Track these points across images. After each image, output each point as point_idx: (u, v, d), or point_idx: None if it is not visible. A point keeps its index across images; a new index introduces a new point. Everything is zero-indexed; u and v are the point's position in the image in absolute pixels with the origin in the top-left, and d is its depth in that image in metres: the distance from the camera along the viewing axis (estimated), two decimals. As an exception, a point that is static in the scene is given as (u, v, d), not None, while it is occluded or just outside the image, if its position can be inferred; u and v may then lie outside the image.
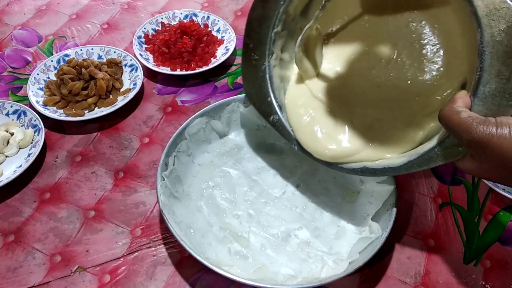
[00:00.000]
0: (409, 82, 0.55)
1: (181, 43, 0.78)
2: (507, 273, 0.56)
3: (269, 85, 0.58)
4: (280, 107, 0.58)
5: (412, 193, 0.64)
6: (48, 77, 0.75)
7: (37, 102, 0.70)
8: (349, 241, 0.57)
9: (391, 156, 0.53)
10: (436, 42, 0.54)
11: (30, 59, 0.82)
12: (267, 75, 0.58)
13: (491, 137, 0.36)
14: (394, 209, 0.54)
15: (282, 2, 0.54)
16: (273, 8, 0.54)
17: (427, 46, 0.55)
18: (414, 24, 0.56)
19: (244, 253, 0.56)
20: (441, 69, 0.54)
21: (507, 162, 0.36)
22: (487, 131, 0.36)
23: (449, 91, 0.52)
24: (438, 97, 0.53)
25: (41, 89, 0.73)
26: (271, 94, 0.58)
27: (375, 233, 0.54)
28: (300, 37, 0.55)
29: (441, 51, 0.54)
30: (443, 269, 0.56)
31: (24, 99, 0.74)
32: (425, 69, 0.55)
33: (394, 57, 0.57)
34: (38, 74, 0.75)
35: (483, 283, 0.55)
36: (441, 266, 0.56)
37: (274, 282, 0.51)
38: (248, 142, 0.66)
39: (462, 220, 0.61)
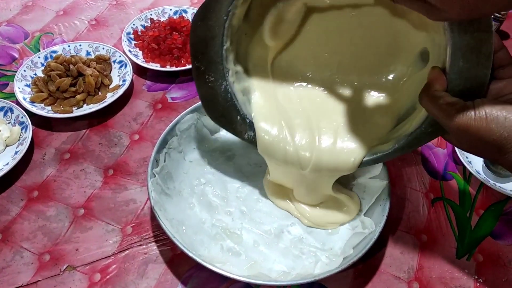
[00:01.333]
0: (356, 82, 0.56)
1: (171, 39, 0.78)
2: (499, 267, 0.56)
3: (233, 103, 0.54)
4: (251, 123, 0.55)
5: (404, 188, 0.63)
6: (35, 74, 0.74)
7: (24, 99, 0.69)
8: (342, 237, 0.56)
9: (376, 144, 0.52)
10: (381, 26, 0.53)
11: (16, 55, 0.80)
12: (229, 94, 0.53)
13: (469, 127, 0.38)
14: (387, 204, 0.54)
15: (225, 18, 0.49)
16: (217, 25, 0.50)
17: (373, 33, 0.54)
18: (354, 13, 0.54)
19: (236, 250, 0.55)
20: (392, 50, 0.54)
21: (485, 144, 0.38)
22: (464, 122, 0.38)
23: (407, 67, 0.53)
24: (391, 78, 0.54)
25: (28, 85, 0.72)
26: (240, 112, 0.54)
27: (368, 228, 0.53)
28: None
29: (387, 33, 0.53)
30: (436, 264, 0.56)
31: (11, 96, 0.72)
32: (376, 59, 0.54)
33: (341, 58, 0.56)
34: (25, 70, 0.73)
35: (476, 277, 0.55)
36: (434, 261, 0.56)
37: (268, 278, 0.50)
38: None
39: (454, 215, 0.61)
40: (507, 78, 0.41)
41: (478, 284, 0.55)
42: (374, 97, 0.55)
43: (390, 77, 0.55)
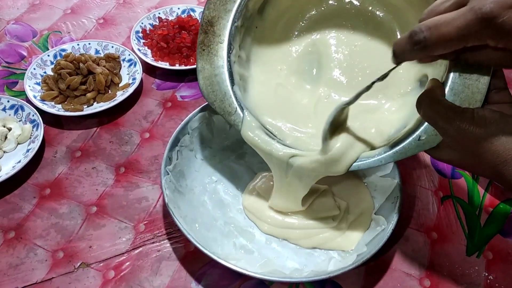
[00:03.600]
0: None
1: (180, 38, 0.78)
2: (509, 265, 0.57)
3: (228, 81, 0.53)
4: (241, 106, 0.54)
5: (413, 187, 0.64)
6: (45, 72, 0.74)
7: (35, 97, 0.69)
8: (354, 235, 0.57)
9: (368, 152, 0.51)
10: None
11: (25, 54, 0.80)
12: (227, 71, 0.53)
13: (468, 130, 0.37)
14: (399, 202, 0.54)
15: None
16: (233, 1, 0.52)
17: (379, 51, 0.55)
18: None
19: (249, 247, 0.56)
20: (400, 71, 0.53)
21: (480, 153, 0.37)
22: (463, 125, 0.37)
23: (409, 88, 0.53)
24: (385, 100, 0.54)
25: (38, 84, 0.72)
26: (232, 92, 0.53)
27: (380, 225, 0.54)
28: (332, 114, 0.47)
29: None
30: (447, 261, 0.57)
31: (20, 94, 0.73)
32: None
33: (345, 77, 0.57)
34: (34, 68, 0.73)
35: (486, 274, 0.56)
36: (444, 258, 0.57)
37: (283, 275, 0.50)
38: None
39: (463, 213, 0.61)
40: (501, 102, 0.40)
41: (488, 281, 0.55)
42: (368, 108, 0.55)
43: (385, 99, 0.55)
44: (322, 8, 0.58)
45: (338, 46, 0.57)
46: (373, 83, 0.42)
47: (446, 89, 0.41)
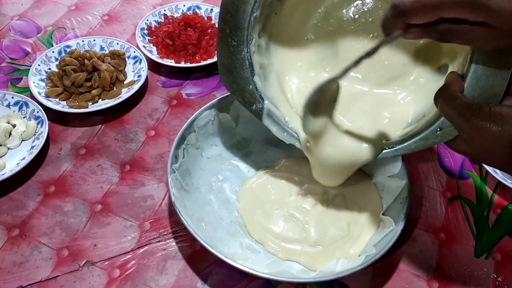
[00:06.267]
0: (370, 87, 0.56)
1: (186, 35, 0.77)
2: (517, 267, 0.56)
3: (249, 72, 0.54)
4: (262, 96, 0.55)
5: (421, 187, 0.63)
6: (50, 68, 0.73)
7: (39, 93, 0.68)
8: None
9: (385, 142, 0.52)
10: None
11: (29, 50, 0.80)
12: (247, 62, 0.54)
13: (484, 127, 0.37)
14: (407, 203, 0.53)
15: None
16: None
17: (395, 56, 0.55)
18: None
19: (255, 247, 0.55)
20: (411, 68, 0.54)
21: (497, 146, 0.38)
22: (480, 122, 0.37)
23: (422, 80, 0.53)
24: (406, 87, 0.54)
25: (42, 80, 0.71)
26: (253, 82, 0.55)
27: (388, 226, 0.53)
28: (311, 93, 0.46)
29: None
30: (455, 263, 0.56)
31: (24, 90, 0.72)
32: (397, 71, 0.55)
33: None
34: (39, 65, 0.73)
35: (495, 276, 0.55)
36: (452, 260, 0.56)
37: (290, 275, 0.50)
38: (256, 135, 0.65)
39: (471, 214, 0.61)
40: None
41: (497, 283, 0.55)
42: (387, 99, 0.55)
43: (406, 86, 0.55)
44: None
45: (356, 37, 0.56)
46: (360, 58, 0.41)
47: (465, 83, 0.41)
